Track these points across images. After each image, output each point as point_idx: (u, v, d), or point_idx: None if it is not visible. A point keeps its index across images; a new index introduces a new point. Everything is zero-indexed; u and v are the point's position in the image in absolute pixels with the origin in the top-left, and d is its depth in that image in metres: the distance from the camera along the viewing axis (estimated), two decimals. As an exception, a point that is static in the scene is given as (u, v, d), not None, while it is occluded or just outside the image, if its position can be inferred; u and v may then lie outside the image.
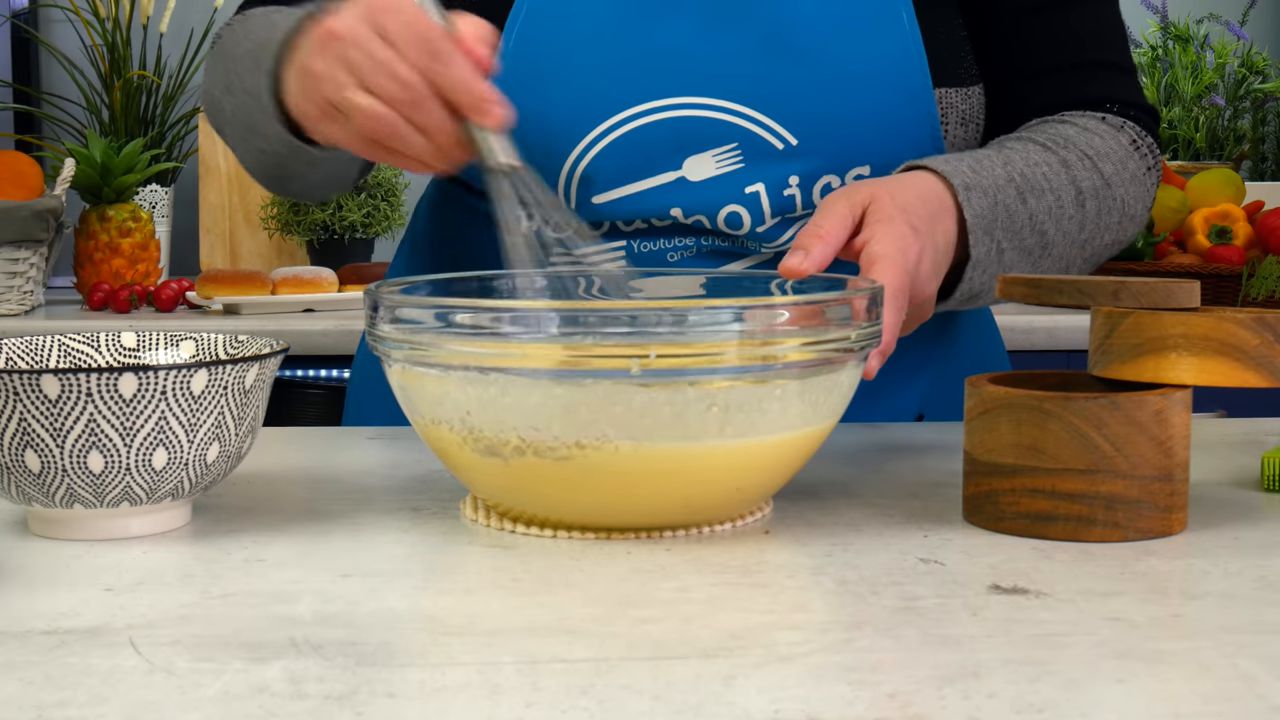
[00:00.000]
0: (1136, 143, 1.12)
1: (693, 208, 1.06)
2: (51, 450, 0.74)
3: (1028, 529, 0.78)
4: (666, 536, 0.79)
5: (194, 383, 0.75)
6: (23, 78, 3.08)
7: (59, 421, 0.74)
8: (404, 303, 0.78)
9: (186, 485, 0.78)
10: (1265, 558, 0.75)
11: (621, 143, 1.05)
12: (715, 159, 1.06)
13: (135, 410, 0.74)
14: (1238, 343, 0.78)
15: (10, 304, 2.38)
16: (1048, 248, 1.04)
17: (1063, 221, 1.05)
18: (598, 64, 1.05)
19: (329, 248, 2.73)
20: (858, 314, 0.78)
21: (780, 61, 1.04)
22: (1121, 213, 1.10)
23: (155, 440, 0.75)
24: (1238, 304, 2.33)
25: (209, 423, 0.77)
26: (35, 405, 0.73)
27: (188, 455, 0.77)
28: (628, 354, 0.72)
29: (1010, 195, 1.01)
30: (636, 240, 1.08)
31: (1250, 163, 3.00)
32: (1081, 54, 1.13)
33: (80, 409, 0.74)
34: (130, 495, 0.77)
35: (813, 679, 0.57)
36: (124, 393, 0.74)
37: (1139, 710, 0.54)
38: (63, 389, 0.73)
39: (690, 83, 1.05)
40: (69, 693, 0.56)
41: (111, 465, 0.75)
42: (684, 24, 1.05)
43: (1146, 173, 1.13)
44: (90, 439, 0.74)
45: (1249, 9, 3.14)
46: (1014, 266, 1.02)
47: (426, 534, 0.80)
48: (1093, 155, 1.08)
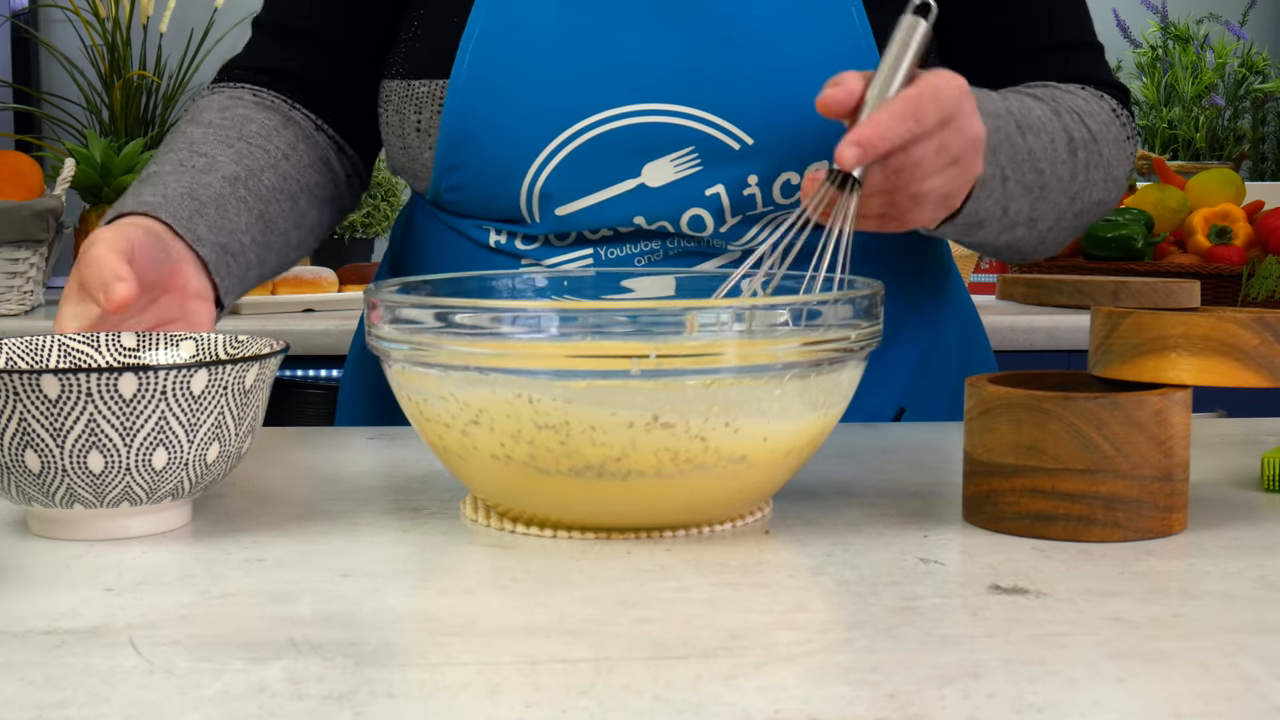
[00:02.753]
0: (1115, 111, 1.13)
1: (655, 214, 1.07)
2: (51, 450, 0.74)
3: (1028, 529, 0.78)
4: (666, 536, 0.79)
5: (194, 383, 0.75)
6: (23, 78, 3.08)
7: (59, 421, 0.74)
8: (404, 303, 0.78)
9: (186, 485, 0.78)
10: (1265, 558, 0.75)
11: (580, 153, 1.05)
12: (673, 164, 1.06)
13: (135, 410, 0.74)
14: (1238, 343, 0.78)
15: (10, 304, 2.38)
16: (1045, 189, 1.04)
17: (1056, 165, 1.04)
18: (555, 72, 1.05)
19: (329, 248, 2.73)
20: (858, 314, 0.78)
21: (732, 62, 1.04)
22: (1107, 172, 1.10)
23: (155, 440, 0.75)
24: (1238, 304, 2.33)
25: (209, 423, 0.77)
26: (35, 405, 0.73)
27: (188, 455, 0.77)
28: (628, 354, 0.72)
29: (1010, 126, 1.00)
30: (603, 247, 1.09)
31: (1250, 163, 3.00)
32: (1051, 35, 1.14)
33: (80, 409, 0.74)
34: (130, 495, 0.77)
35: (813, 679, 0.57)
36: (124, 393, 0.74)
37: (1139, 710, 0.54)
38: (63, 389, 0.73)
39: (646, 89, 1.05)
40: (69, 693, 0.56)
41: (111, 465, 0.75)
42: (637, 29, 1.05)
43: (1126, 140, 1.13)
44: (90, 439, 0.74)
45: (1249, 9, 3.14)
46: (1015, 200, 1.01)
47: (426, 534, 0.80)
48: (1080, 112, 1.08)
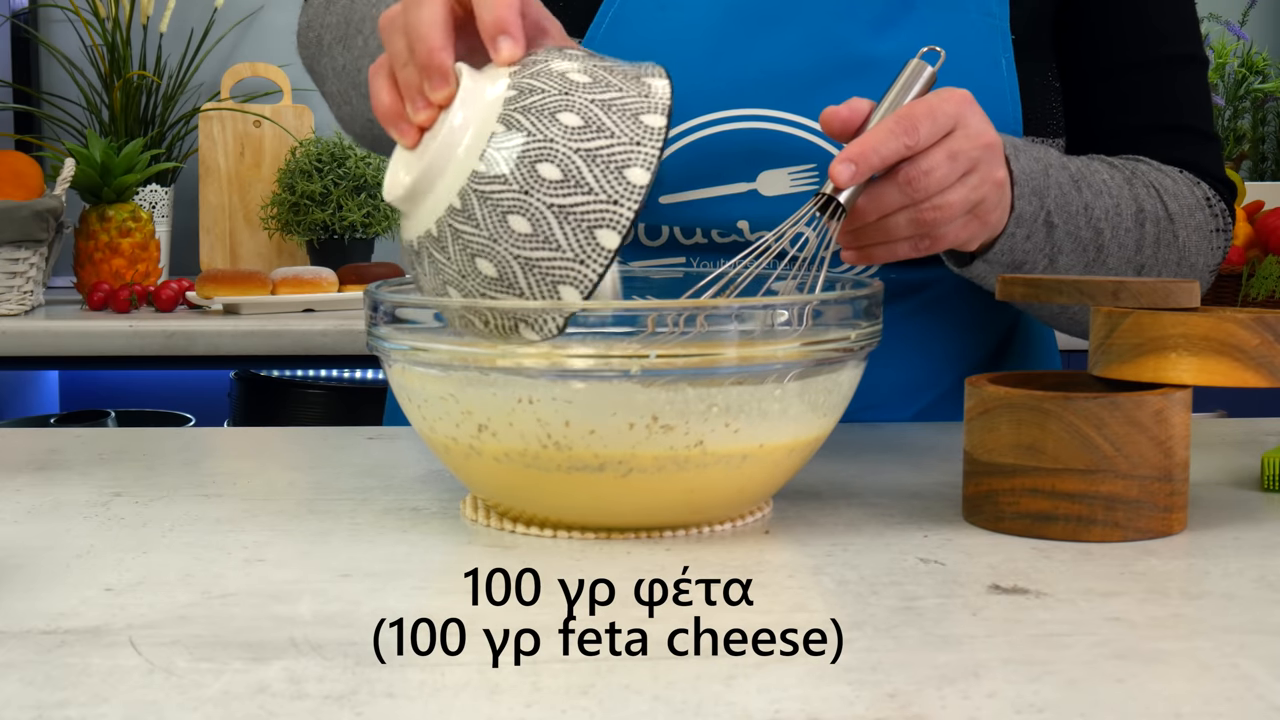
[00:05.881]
0: (1210, 201, 1.09)
1: (761, 222, 1.04)
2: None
3: (1028, 529, 0.78)
4: (666, 536, 0.79)
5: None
6: (23, 78, 3.08)
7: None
8: (404, 303, 0.78)
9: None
10: (1265, 558, 0.75)
11: (701, 145, 1.03)
12: (791, 177, 1.04)
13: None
14: (1238, 343, 0.78)
15: (10, 304, 2.38)
16: (1103, 251, 1.01)
17: (1119, 232, 1.02)
18: (692, 58, 1.03)
19: (329, 248, 2.73)
20: (858, 314, 0.78)
21: (867, 91, 1.00)
22: (1181, 255, 1.06)
23: None
24: (1238, 304, 2.33)
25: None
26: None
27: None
28: (627, 354, 0.72)
29: (1064, 178, 0.98)
30: (695, 257, 1.07)
31: (1250, 163, 3.00)
32: (1172, 116, 1.11)
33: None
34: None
35: (813, 679, 0.57)
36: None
37: (1139, 710, 0.54)
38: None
39: (778, 97, 1.02)
40: (69, 693, 0.56)
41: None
42: (781, 37, 1.03)
43: (1215, 233, 1.09)
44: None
45: (1249, 9, 3.14)
46: (1065, 254, 0.99)
47: (426, 534, 0.80)
48: (1159, 188, 1.05)
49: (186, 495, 0.89)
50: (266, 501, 0.87)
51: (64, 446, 1.06)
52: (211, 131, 2.83)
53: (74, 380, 3.14)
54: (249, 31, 3.09)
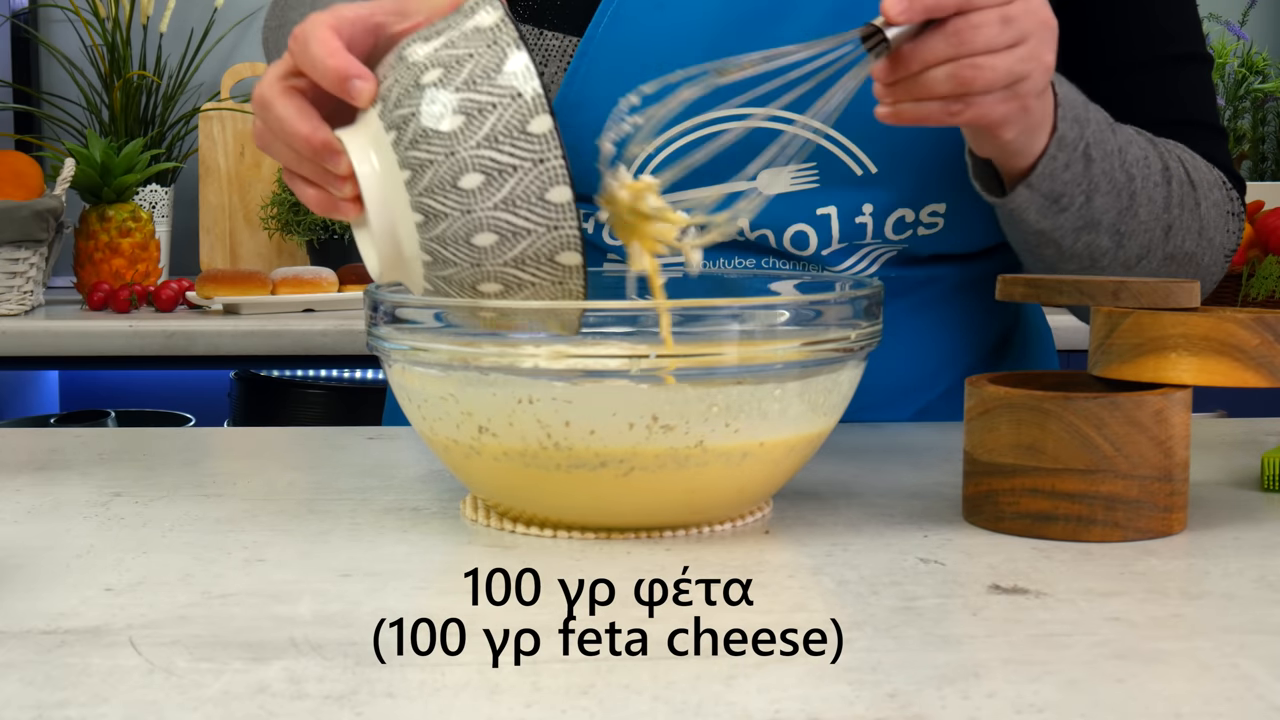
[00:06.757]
0: (1225, 184, 1.09)
1: (761, 220, 1.04)
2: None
3: (1028, 529, 0.78)
4: (666, 536, 0.79)
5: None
6: (23, 78, 3.08)
7: None
8: (404, 303, 0.78)
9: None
10: (1265, 558, 0.75)
11: (699, 144, 1.03)
12: (791, 175, 1.03)
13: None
14: (1238, 343, 0.78)
15: (10, 304, 2.38)
16: (1135, 199, 1.00)
17: (1149, 184, 1.01)
18: (689, 60, 1.01)
19: (329, 248, 2.73)
20: (858, 314, 0.78)
21: (866, 89, 1.00)
22: (1202, 225, 1.06)
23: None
24: (1238, 304, 2.33)
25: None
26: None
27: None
28: (627, 354, 0.72)
29: (1100, 116, 0.97)
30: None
31: (1250, 163, 3.00)
32: (1178, 112, 1.11)
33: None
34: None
35: (813, 679, 0.57)
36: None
37: (1139, 710, 0.54)
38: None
39: (778, 96, 1.02)
40: (69, 693, 0.56)
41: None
42: (781, 38, 1.02)
43: (1231, 215, 1.09)
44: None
45: (1249, 9, 3.14)
46: (1101, 193, 0.98)
47: (426, 534, 0.80)
48: (1181, 157, 1.05)
49: (186, 495, 0.89)
50: (266, 501, 0.87)
51: (64, 446, 1.06)
52: (211, 131, 2.83)
53: (74, 380, 3.14)
54: (249, 31, 3.09)
